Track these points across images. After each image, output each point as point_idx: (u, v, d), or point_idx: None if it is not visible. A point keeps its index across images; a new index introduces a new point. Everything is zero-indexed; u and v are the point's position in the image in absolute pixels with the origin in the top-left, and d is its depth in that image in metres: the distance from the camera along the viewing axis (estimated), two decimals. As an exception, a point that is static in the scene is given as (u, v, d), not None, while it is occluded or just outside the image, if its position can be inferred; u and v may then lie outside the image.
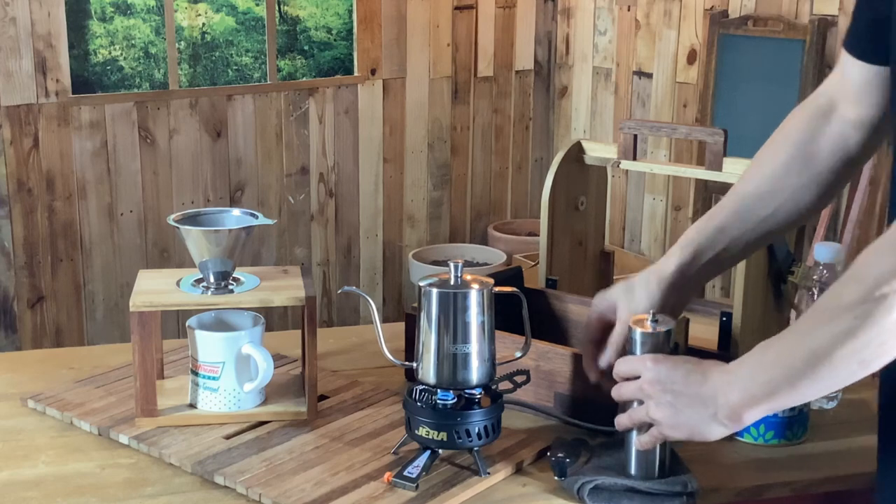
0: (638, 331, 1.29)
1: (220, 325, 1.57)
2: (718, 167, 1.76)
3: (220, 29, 3.83)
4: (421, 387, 1.38)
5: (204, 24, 3.80)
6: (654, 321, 1.29)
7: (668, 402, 1.20)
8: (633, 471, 1.33)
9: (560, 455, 1.35)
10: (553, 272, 1.86)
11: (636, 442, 1.30)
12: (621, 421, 1.30)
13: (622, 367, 1.28)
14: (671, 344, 1.29)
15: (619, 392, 1.29)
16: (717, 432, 1.20)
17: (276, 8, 3.92)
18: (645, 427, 1.28)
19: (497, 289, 1.40)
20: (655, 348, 1.28)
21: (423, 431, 1.37)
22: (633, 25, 4.23)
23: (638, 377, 1.25)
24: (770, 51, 3.58)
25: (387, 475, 1.35)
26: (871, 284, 1.01)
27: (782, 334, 1.14)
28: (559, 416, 1.54)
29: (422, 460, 1.36)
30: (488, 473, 1.36)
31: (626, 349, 1.33)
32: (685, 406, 1.20)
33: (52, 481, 1.37)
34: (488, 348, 1.39)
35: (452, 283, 1.37)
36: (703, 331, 1.70)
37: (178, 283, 1.54)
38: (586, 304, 1.72)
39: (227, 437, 1.47)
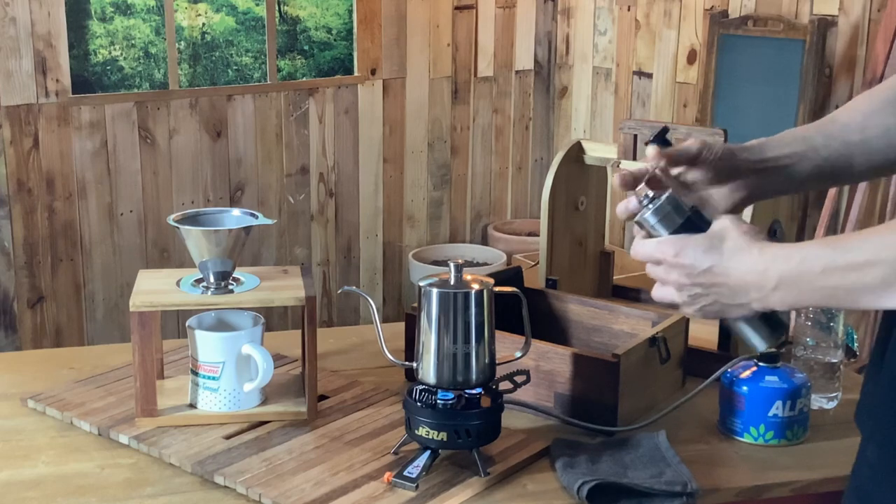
0: (646, 216, 1.15)
1: (220, 325, 1.57)
2: (718, 167, 1.75)
3: (220, 29, 3.83)
4: (421, 387, 1.39)
5: (204, 24, 3.80)
6: (651, 198, 1.16)
7: (698, 294, 1.11)
8: (760, 346, 1.19)
9: None
10: (553, 272, 1.86)
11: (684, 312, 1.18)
12: (655, 294, 1.17)
13: (640, 250, 1.15)
14: (685, 208, 1.15)
15: (650, 272, 1.17)
16: (745, 314, 1.12)
17: (276, 8, 3.92)
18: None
19: (497, 289, 1.41)
20: (671, 221, 1.15)
21: (423, 431, 1.37)
22: (633, 25, 4.23)
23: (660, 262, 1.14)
24: (770, 51, 3.58)
25: (387, 475, 1.35)
26: None
27: (845, 240, 1.05)
28: (559, 416, 1.54)
29: (422, 460, 1.36)
30: (488, 473, 1.36)
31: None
32: (717, 296, 1.10)
33: (52, 481, 1.37)
34: (488, 348, 1.39)
35: (452, 283, 1.37)
36: (704, 331, 1.70)
37: (178, 283, 1.54)
38: (586, 304, 1.73)
39: (227, 437, 1.47)
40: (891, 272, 0.98)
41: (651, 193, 1.17)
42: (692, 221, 1.14)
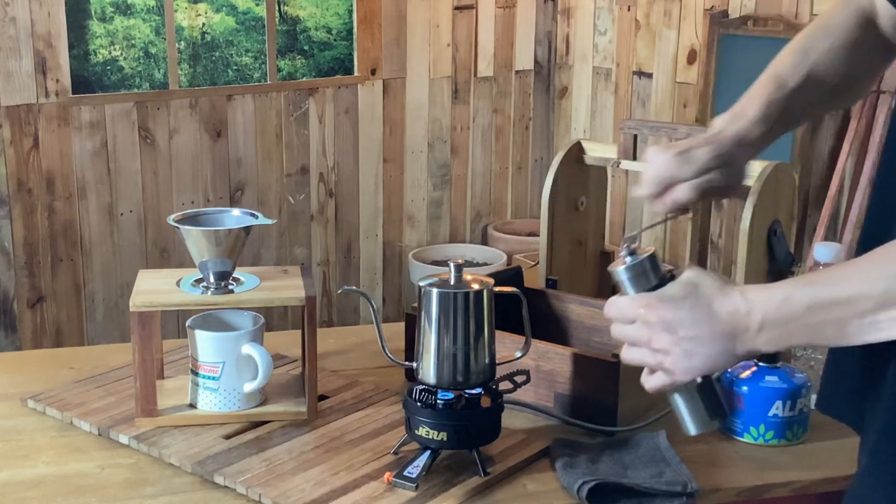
0: (619, 269, 1.12)
1: (220, 325, 1.57)
2: (718, 167, 1.75)
3: (220, 29, 3.83)
4: (421, 387, 1.39)
5: (204, 24, 3.80)
6: (631, 253, 1.12)
7: (681, 350, 1.05)
8: (692, 430, 1.15)
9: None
10: (553, 272, 1.86)
11: (645, 383, 1.12)
12: (625, 357, 1.12)
13: (612, 311, 1.11)
14: (661, 272, 1.12)
15: (619, 333, 1.11)
16: (731, 363, 1.08)
17: (276, 8, 3.92)
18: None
19: (497, 289, 1.40)
20: (644, 282, 1.11)
21: (423, 431, 1.37)
22: (633, 25, 4.23)
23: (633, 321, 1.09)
24: (770, 51, 3.55)
25: (387, 475, 1.35)
26: None
27: (827, 275, 1.04)
28: (559, 416, 1.54)
29: (422, 460, 1.36)
30: (488, 473, 1.36)
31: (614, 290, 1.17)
32: (698, 347, 1.05)
33: (52, 481, 1.37)
34: (488, 348, 1.39)
35: (452, 283, 1.37)
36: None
37: (178, 283, 1.54)
38: (586, 305, 1.73)
39: (227, 437, 1.47)
40: (877, 305, 0.97)
41: (633, 247, 1.13)
42: (665, 284, 1.10)
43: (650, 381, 1.10)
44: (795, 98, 1.26)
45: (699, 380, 1.12)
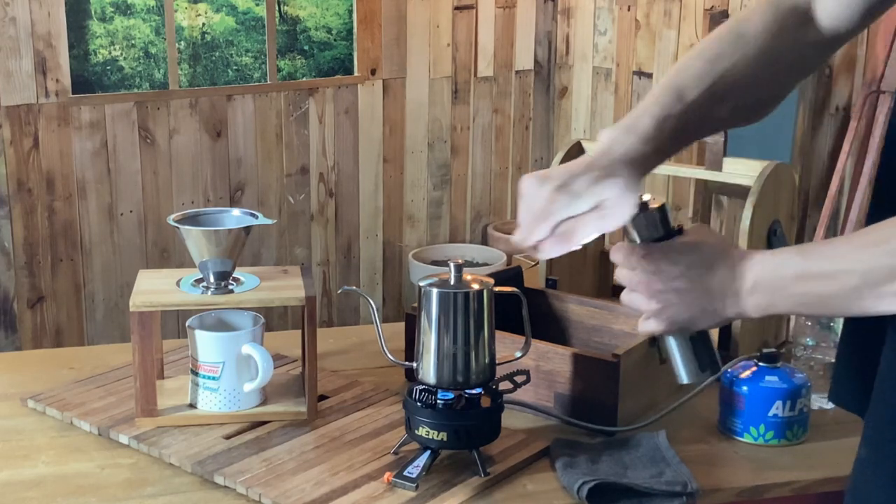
0: (635, 216, 1.13)
1: (220, 325, 1.57)
2: (718, 167, 1.76)
3: (220, 29, 3.83)
4: (421, 387, 1.39)
5: (204, 24, 3.80)
6: (643, 203, 1.13)
7: (670, 300, 1.09)
8: (685, 378, 1.18)
9: None
10: (553, 272, 1.86)
11: (639, 327, 1.15)
12: (624, 299, 1.16)
13: (617, 255, 1.14)
14: (670, 225, 1.13)
15: (620, 277, 1.15)
16: (714, 323, 1.10)
17: (276, 8, 3.92)
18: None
19: (497, 289, 1.41)
20: (652, 231, 1.12)
21: (423, 431, 1.37)
22: (633, 25, 4.23)
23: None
24: (770, 51, 3.57)
25: (387, 475, 1.35)
26: None
27: (818, 248, 1.05)
28: (559, 416, 1.54)
29: (422, 460, 1.36)
30: (488, 473, 1.36)
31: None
32: (690, 301, 1.08)
33: (52, 481, 1.37)
34: (488, 348, 1.39)
35: (452, 283, 1.37)
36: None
37: (178, 283, 1.54)
38: (586, 305, 1.73)
39: (227, 437, 1.47)
40: (861, 282, 0.99)
41: (647, 199, 1.14)
42: (672, 237, 1.12)
43: (643, 326, 1.14)
44: (692, 113, 1.15)
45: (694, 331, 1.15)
